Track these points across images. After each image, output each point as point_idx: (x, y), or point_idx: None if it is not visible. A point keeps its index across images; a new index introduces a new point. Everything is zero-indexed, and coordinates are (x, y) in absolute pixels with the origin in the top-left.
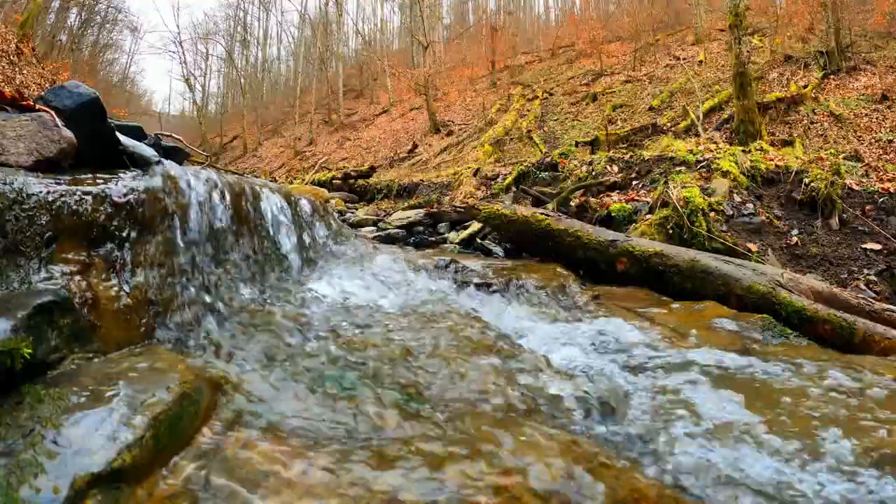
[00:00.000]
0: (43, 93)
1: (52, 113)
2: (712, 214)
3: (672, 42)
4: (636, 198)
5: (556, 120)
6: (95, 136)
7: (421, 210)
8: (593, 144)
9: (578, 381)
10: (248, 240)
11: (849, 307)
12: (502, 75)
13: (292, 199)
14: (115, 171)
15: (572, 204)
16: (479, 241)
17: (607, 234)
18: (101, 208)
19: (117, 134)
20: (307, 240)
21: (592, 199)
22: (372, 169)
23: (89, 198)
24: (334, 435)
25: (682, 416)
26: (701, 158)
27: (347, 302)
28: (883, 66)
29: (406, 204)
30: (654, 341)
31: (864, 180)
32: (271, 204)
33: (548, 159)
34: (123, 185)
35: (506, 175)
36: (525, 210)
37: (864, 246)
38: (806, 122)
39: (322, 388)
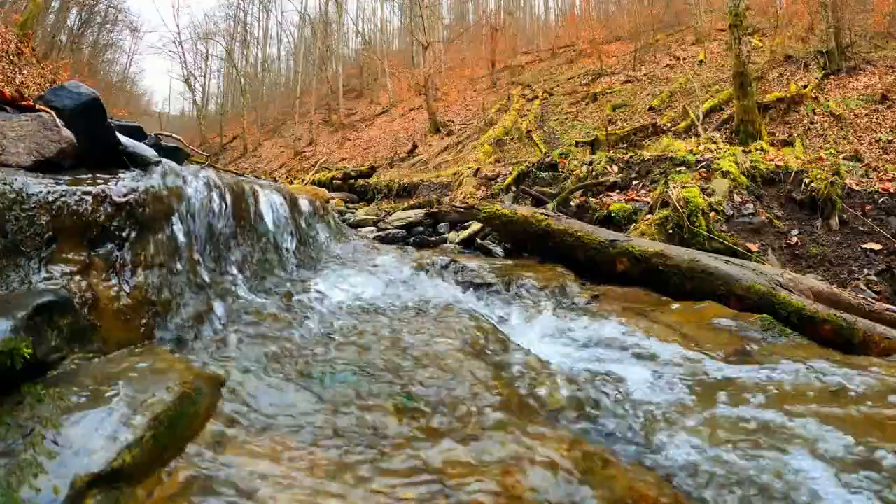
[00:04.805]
0: (43, 93)
1: (52, 113)
2: (712, 214)
3: (672, 42)
4: (636, 198)
5: (556, 120)
6: (95, 137)
7: (421, 210)
8: (593, 144)
9: (578, 382)
10: (248, 240)
11: (849, 307)
12: (502, 75)
13: (292, 199)
14: (115, 171)
15: (572, 204)
16: (479, 241)
17: (607, 234)
18: (101, 208)
19: (117, 134)
20: (307, 240)
21: (592, 199)
22: (372, 169)
23: (89, 198)
24: (334, 435)
25: (682, 417)
26: (701, 158)
27: (347, 302)
28: (883, 66)
29: (406, 204)
30: (654, 342)
31: (864, 180)
32: (271, 204)
33: (548, 159)
34: (123, 185)
35: (506, 175)
36: (525, 210)
37: (864, 246)
38: (806, 122)
39: (322, 388)
